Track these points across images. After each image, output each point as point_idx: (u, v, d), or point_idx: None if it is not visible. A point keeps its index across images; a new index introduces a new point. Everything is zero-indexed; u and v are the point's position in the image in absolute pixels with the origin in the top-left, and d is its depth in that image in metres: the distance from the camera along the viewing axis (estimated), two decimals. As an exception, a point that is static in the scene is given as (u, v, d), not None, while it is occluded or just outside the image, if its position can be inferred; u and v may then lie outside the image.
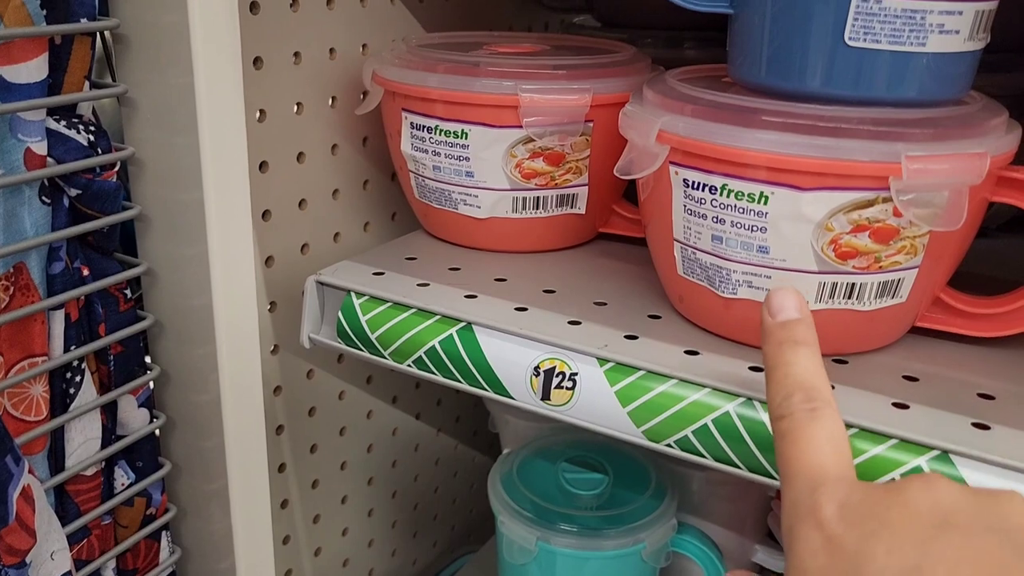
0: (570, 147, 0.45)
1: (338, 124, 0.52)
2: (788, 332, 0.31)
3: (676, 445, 0.36)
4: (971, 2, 0.33)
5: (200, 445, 0.47)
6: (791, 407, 0.29)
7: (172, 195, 0.42)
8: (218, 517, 0.48)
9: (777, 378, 0.30)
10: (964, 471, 0.32)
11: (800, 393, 0.29)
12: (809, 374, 0.30)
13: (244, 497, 0.48)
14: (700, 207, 0.36)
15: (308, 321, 0.46)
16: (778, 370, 0.30)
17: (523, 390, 0.40)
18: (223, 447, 0.46)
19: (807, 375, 0.30)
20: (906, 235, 0.34)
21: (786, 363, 0.30)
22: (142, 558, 0.46)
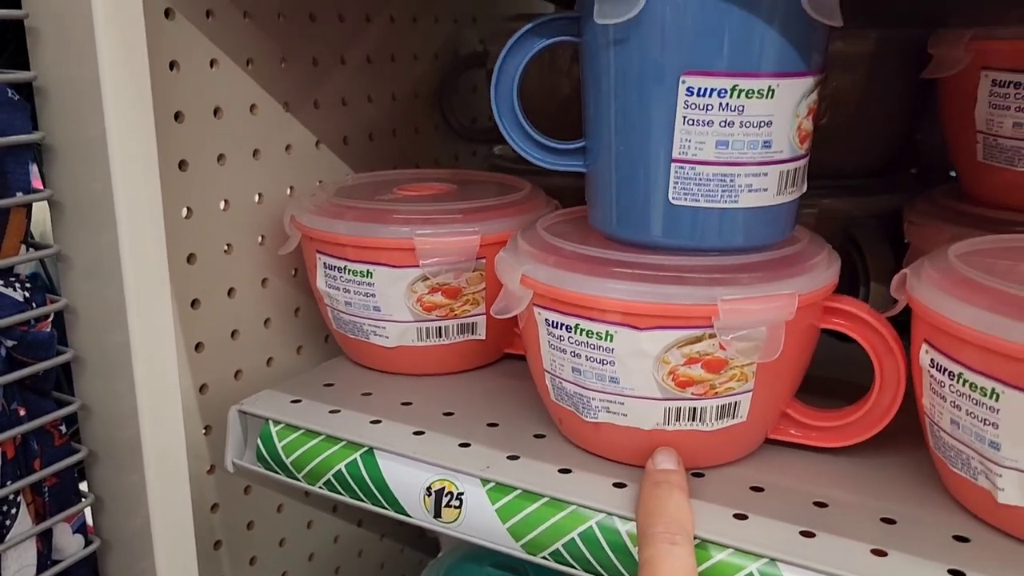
0: (465, 281, 0.50)
1: (267, 260, 0.57)
2: (665, 476, 0.38)
3: (550, 557, 0.40)
4: (775, 164, 0.39)
5: (135, 567, 0.50)
6: (656, 537, 0.35)
7: (103, 338, 0.46)
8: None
9: (648, 510, 0.36)
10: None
11: (665, 525, 0.36)
12: (678, 511, 0.36)
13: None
14: (560, 343, 0.41)
15: (232, 448, 0.50)
16: (650, 503, 0.37)
17: (418, 509, 0.44)
18: (154, 569, 0.50)
19: (675, 511, 0.36)
20: (735, 364, 0.39)
21: (658, 498, 0.37)
22: (77, 678, 0.49)
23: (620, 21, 0.37)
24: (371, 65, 0.64)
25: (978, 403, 0.35)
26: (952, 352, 0.36)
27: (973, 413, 0.35)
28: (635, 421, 0.40)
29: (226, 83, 0.53)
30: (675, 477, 0.38)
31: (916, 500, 0.40)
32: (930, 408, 0.38)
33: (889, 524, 0.38)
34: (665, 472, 0.39)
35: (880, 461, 0.43)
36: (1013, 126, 0.47)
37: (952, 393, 0.36)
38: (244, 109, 0.55)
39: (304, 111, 0.59)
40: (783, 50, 0.37)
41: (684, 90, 0.37)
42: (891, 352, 0.40)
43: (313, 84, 0.59)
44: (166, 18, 0.49)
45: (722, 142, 0.38)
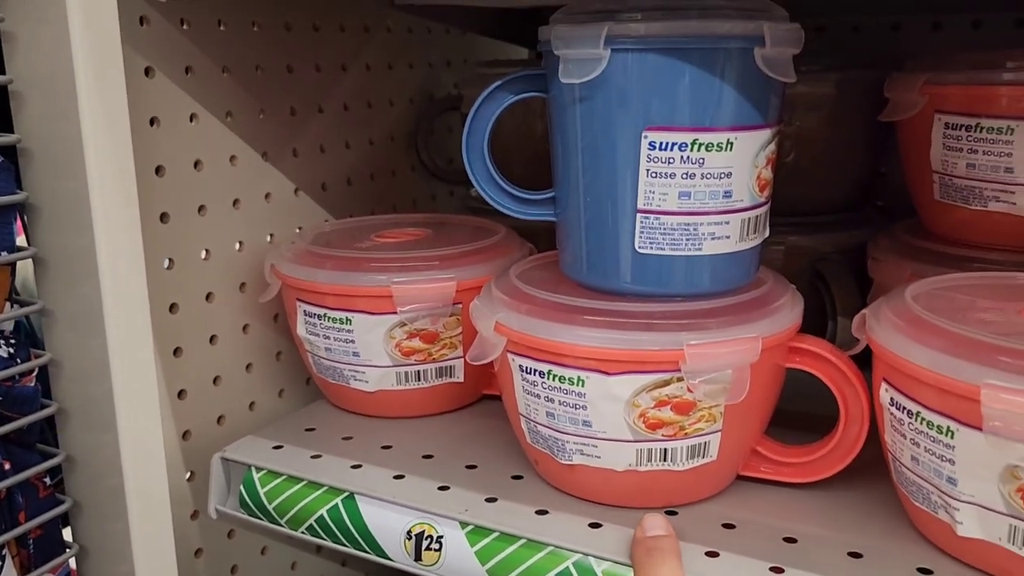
0: (442, 326, 0.51)
1: (248, 307, 0.58)
2: (656, 543, 0.38)
3: (531, 610, 0.41)
4: (736, 213, 0.40)
5: None
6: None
7: (87, 390, 0.47)
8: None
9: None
10: (758, 613, 0.37)
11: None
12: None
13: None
14: (534, 388, 0.42)
15: (215, 494, 0.50)
16: (645, 570, 0.37)
17: (399, 552, 0.44)
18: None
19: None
20: (703, 406, 0.40)
21: (652, 566, 0.37)
22: None
23: (583, 81, 0.38)
24: (348, 112, 0.66)
25: (935, 440, 0.36)
26: (909, 391, 0.37)
27: (931, 450, 0.37)
28: (608, 463, 0.41)
29: (206, 136, 0.54)
30: (666, 543, 0.38)
31: (882, 533, 0.41)
32: (892, 444, 0.40)
33: (856, 558, 0.39)
34: (656, 538, 0.39)
35: (848, 495, 0.44)
36: (966, 167, 0.49)
37: (911, 431, 0.38)
38: (224, 160, 0.56)
39: (283, 160, 0.60)
40: (740, 105, 0.39)
41: (647, 144, 0.39)
42: (854, 390, 0.42)
43: (291, 133, 0.61)
44: (146, 76, 0.50)
45: (684, 193, 0.39)
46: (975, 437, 0.34)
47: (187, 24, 0.52)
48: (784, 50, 0.39)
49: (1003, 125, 0.47)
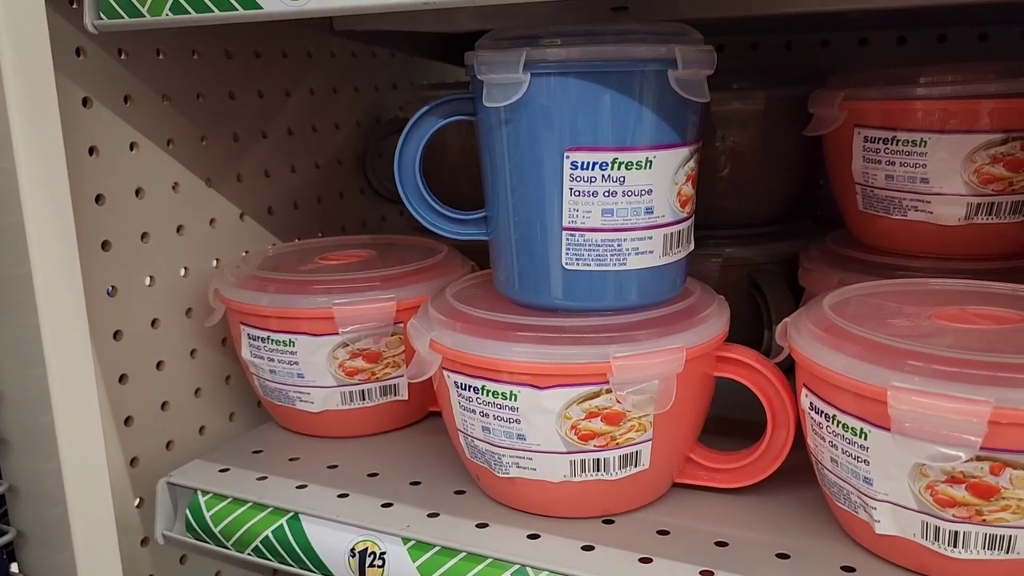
0: (385, 345, 0.52)
1: (195, 331, 0.59)
2: None
3: None
4: (658, 228, 0.42)
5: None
6: None
7: (28, 419, 0.47)
8: None
9: None
10: (689, 616, 0.38)
11: None
12: None
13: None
14: (470, 404, 0.43)
15: (161, 519, 0.51)
16: None
17: (343, 570, 0.45)
18: None
19: None
20: (632, 416, 0.41)
21: None
22: None
23: (506, 104, 0.39)
24: (292, 137, 0.66)
25: (851, 442, 0.38)
26: (826, 396, 0.39)
27: (848, 451, 0.38)
28: (544, 474, 0.42)
29: (147, 164, 0.55)
30: None
31: (809, 534, 0.43)
32: (814, 447, 0.41)
33: (784, 559, 0.41)
34: None
35: (778, 499, 0.46)
36: (885, 178, 0.51)
37: (829, 434, 0.39)
38: (166, 188, 0.56)
39: (227, 185, 0.61)
40: (658, 125, 0.40)
41: (569, 164, 0.40)
42: (780, 397, 0.43)
43: (235, 159, 0.61)
44: (84, 106, 0.51)
45: (607, 210, 0.41)
46: (886, 438, 0.36)
47: (125, 54, 0.53)
48: (697, 71, 0.40)
49: (917, 138, 0.49)
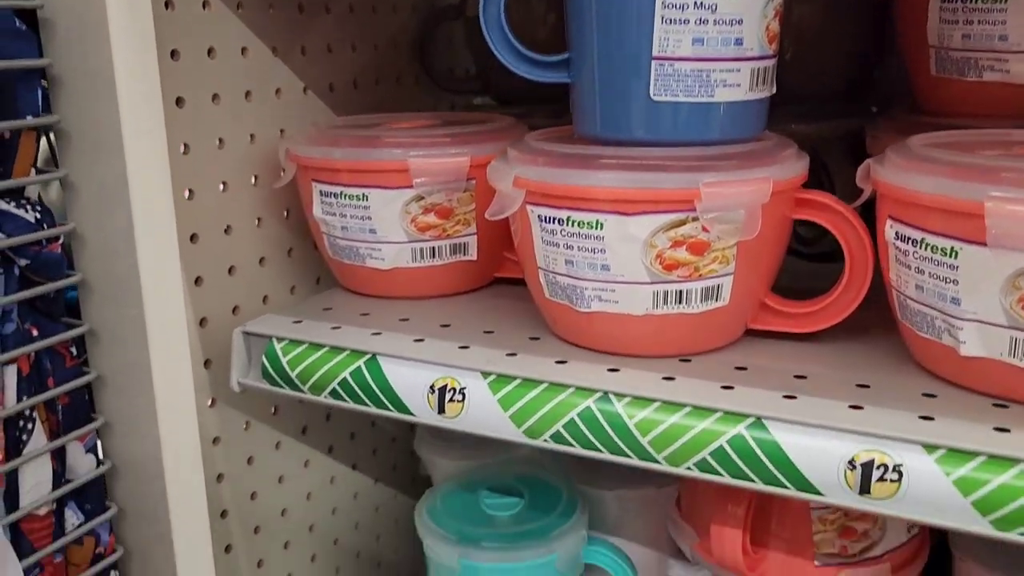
0: (456, 201, 0.52)
1: (261, 200, 0.59)
2: None
3: (551, 439, 0.43)
4: (746, 61, 0.42)
5: (143, 490, 0.52)
6: None
7: (110, 265, 0.48)
8: (162, 559, 0.53)
9: None
10: (775, 433, 0.38)
11: None
12: None
13: (187, 541, 0.53)
14: (553, 237, 0.43)
15: (237, 367, 0.52)
16: None
17: (422, 408, 0.46)
18: (164, 492, 0.52)
19: None
20: (717, 247, 0.42)
21: None
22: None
23: (600, -73, 0.39)
24: (353, 14, 0.66)
25: (940, 263, 0.38)
26: (914, 220, 0.39)
27: (936, 274, 0.39)
28: (626, 307, 0.43)
29: (218, 24, 0.55)
30: None
31: (888, 371, 0.43)
32: (896, 280, 0.42)
33: (864, 388, 0.41)
34: None
35: (854, 345, 0.46)
36: (962, 38, 0.51)
37: (916, 260, 0.39)
38: (236, 51, 0.57)
39: (292, 57, 0.61)
40: (750, -49, 0.40)
41: (661, -10, 0.40)
42: (859, 236, 0.44)
43: (300, 30, 0.62)
44: (161, -40, 0.51)
45: (698, 39, 0.41)
46: (978, 253, 0.36)
47: (198, -88, 0.53)
48: None
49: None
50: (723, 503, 0.50)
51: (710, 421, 0.40)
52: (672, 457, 0.40)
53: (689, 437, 0.40)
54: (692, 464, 0.40)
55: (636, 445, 0.41)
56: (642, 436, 0.41)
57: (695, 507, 0.58)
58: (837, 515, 0.52)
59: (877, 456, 0.36)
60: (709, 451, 0.39)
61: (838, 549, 0.52)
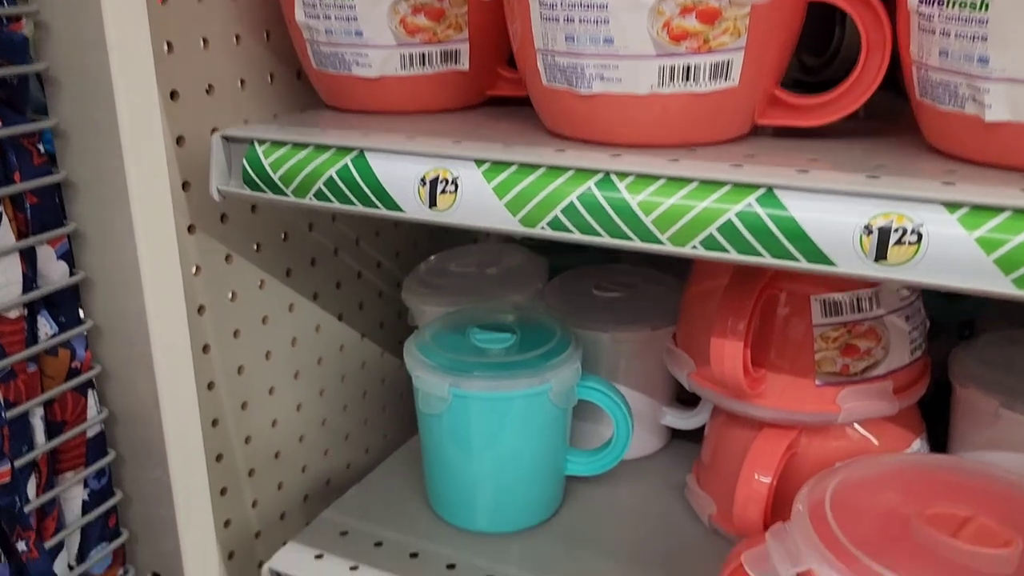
0: (448, 2, 0.49)
1: (239, 14, 0.56)
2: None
3: (549, 227, 0.41)
4: None
5: (122, 306, 0.50)
6: None
7: (81, 60, 0.45)
8: (143, 382, 0.51)
9: None
10: (787, 202, 0.36)
11: None
12: None
13: (167, 367, 0.51)
14: (552, 12, 0.40)
15: (216, 174, 0.49)
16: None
17: (412, 201, 0.44)
18: (144, 311, 0.49)
19: None
20: (728, 16, 0.39)
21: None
22: (70, 411, 0.49)
23: None
24: None
25: (967, 20, 0.36)
26: (942, -23, 0.37)
27: (961, 33, 0.36)
28: (629, 86, 0.41)
29: None
30: None
31: (906, 155, 0.41)
32: (917, 52, 0.39)
33: (880, 167, 0.39)
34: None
35: (869, 137, 0.44)
36: None
37: (941, 21, 0.37)
38: None
39: None
40: None
41: None
42: (877, 17, 0.41)
43: None
44: None
45: None
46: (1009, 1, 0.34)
47: None
48: None
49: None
50: (724, 318, 0.49)
51: (718, 195, 0.37)
52: (677, 236, 0.38)
53: (695, 213, 0.38)
54: (698, 243, 0.38)
55: (639, 226, 0.39)
56: (645, 215, 0.39)
57: (693, 334, 0.56)
58: (840, 332, 0.50)
59: (896, 218, 0.34)
60: (717, 226, 0.37)
61: (839, 368, 0.51)
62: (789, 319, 0.51)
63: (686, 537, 0.59)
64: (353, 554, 0.59)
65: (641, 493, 0.64)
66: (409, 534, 0.61)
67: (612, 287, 0.68)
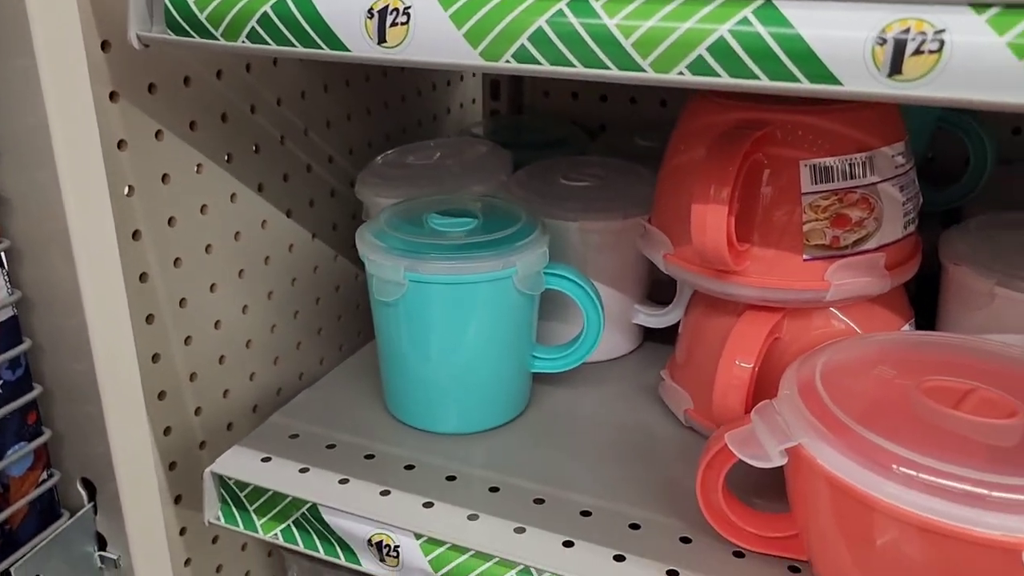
0: None
1: None
2: None
3: (514, 59, 0.36)
4: None
5: (33, 176, 0.44)
6: None
7: None
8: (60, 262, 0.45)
9: None
10: (787, 12, 0.32)
11: None
12: None
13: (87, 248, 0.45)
14: None
15: (135, 19, 0.43)
16: None
17: (358, 38, 0.38)
18: (57, 182, 0.44)
19: None
20: None
21: None
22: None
23: None
24: None
25: None
26: None
27: None
28: None
29: None
30: None
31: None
32: None
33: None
34: None
35: None
36: None
37: None
38: None
39: None
40: None
41: None
42: None
43: None
44: None
45: None
46: None
47: None
48: None
49: None
50: (706, 185, 0.44)
51: (709, 9, 0.33)
52: (660, 61, 0.34)
53: (683, 32, 0.33)
54: (685, 67, 0.33)
55: (617, 52, 0.34)
56: (625, 38, 0.34)
57: (670, 211, 0.52)
58: (830, 201, 0.46)
59: (914, 24, 0.30)
60: (707, 45, 0.33)
61: (829, 240, 0.47)
62: (776, 187, 0.46)
63: (658, 435, 0.56)
64: (303, 457, 0.54)
65: (611, 394, 0.60)
66: (365, 436, 0.56)
67: (581, 177, 0.63)
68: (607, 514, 0.49)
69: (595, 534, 0.47)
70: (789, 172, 0.46)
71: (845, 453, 0.37)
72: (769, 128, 0.46)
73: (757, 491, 0.47)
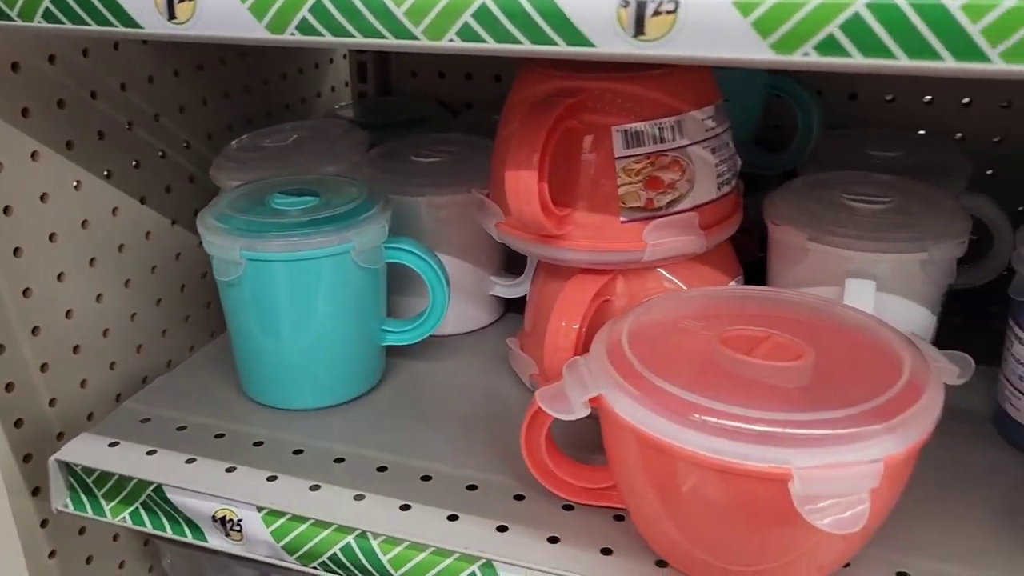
0: None
1: None
2: None
3: (298, 31, 0.37)
4: None
5: None
6: None
7: None
8: None
9: None
10: None
11: None
12: None
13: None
14: None
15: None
16: None
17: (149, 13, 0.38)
18: None
19: None
20: None
21: None
22: None
23: None
24: None
25: None
26: None
27: None
28: None
29: None
30: None
31: None
32: None
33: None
34: None
35: None
36: None
37: None
38: None
39: None
40: None
41: None
42: None
43: None
44: None
45: None
46: None
47: None
48: None
49: None
50: (517, 152, 0.46)
51: None
52: (432, 28, 0.35)
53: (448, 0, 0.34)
54: (455, 34, 0.35)
55: (391, 21, 0.35)
56: (397, 8, 0.35)
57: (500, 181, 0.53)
58: (643, 164, 0.48)
59: (653, -13, 0.32)
60: (471, 12, 0.34)
61: (644, 202, 0.49)
62: (590, 152, 0.48)
63: (508, 401, 0.57)
64: (152, 440, 0.54)
65: (468, 364, 0.61)
66: (217, 417, 0.57)
67: (433, 154, 0.64)
68: (447, 478, 0.50)
69: (432, 497, 0.48)
70: (603, 137, 0.48)
71: (641, 401, 0.39)
72: (582, 95, 0.47)
73: (596, 447, 0.48)
